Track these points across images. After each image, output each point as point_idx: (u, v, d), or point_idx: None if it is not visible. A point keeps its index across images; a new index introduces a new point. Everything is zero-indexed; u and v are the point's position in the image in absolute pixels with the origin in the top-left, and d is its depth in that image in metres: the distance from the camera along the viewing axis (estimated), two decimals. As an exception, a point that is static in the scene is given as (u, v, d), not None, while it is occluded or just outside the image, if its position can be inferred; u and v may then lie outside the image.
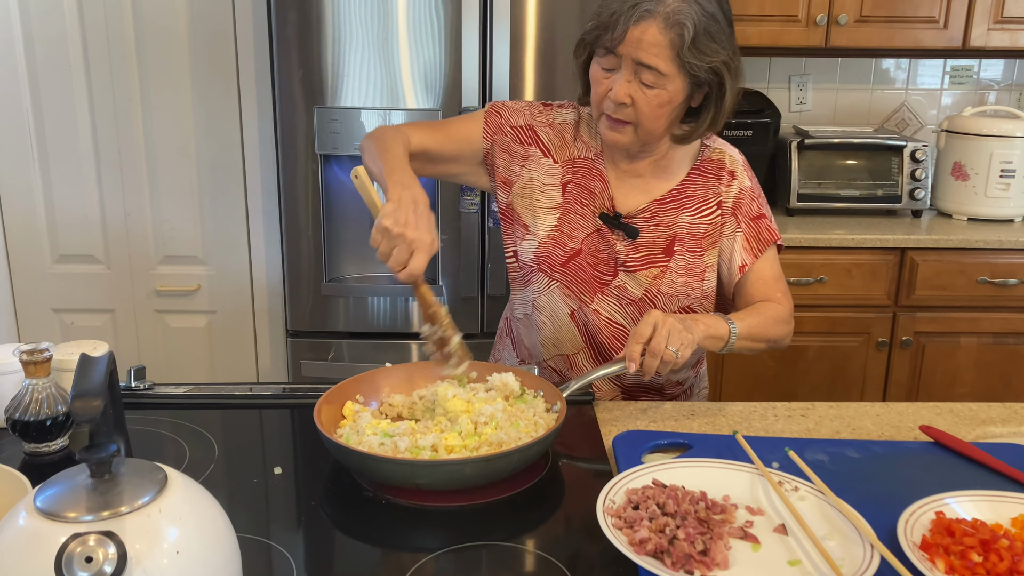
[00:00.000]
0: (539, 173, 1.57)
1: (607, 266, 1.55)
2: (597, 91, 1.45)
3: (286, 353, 2.69)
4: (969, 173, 2.90)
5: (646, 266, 1.54)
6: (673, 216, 1.55)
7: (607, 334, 1.57)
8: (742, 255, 1.55)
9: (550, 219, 1.56)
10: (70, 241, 2.89)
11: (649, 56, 1.37)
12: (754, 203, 1.57)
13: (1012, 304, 2.73)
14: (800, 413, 1.47)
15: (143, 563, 0.76)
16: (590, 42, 1.45)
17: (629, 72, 1.40)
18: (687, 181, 1.56)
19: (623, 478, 1.14)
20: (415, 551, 1.04)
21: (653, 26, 1.36)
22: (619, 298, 1.55)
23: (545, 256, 1.56)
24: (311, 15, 2.38)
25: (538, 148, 1.57)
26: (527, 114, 1.59)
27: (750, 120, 2.90)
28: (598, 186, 1.56)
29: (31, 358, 1.21)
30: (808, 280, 2.69)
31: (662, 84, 1.40)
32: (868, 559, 0.97)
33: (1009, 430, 1.41)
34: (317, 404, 1.25)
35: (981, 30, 2.81)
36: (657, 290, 1.54)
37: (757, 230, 1.56)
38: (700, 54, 1.38)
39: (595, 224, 1.55)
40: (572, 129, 1.59)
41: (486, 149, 1.58)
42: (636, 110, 1.42)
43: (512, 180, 1.58)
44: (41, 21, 2.71)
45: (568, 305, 1.57)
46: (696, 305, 1.56)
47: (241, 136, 2.82)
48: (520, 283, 1.62)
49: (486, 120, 1.58)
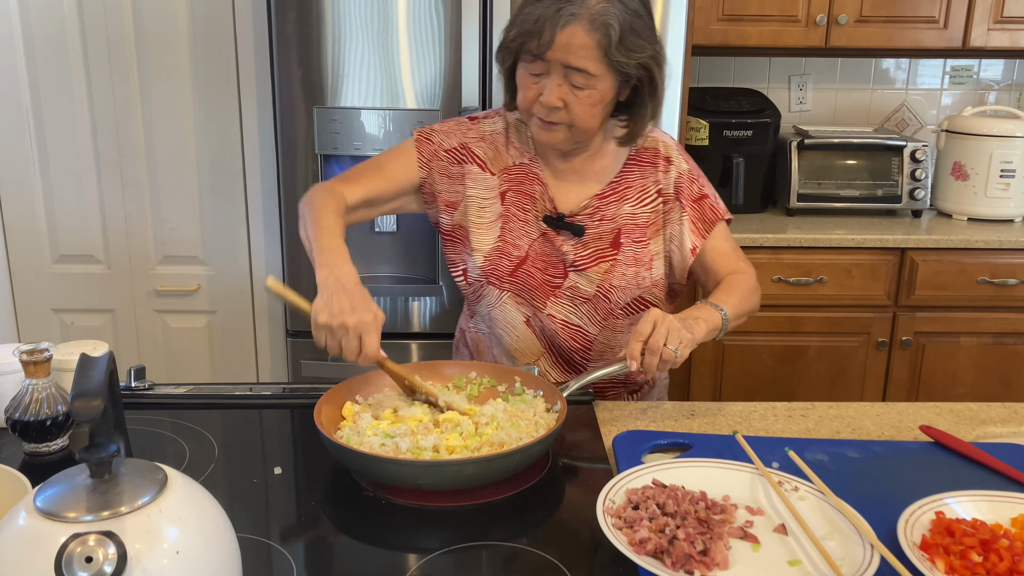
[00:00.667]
0: (478, 188, 1.57)
1: (556, 269, 1.56)
2: (527, 96, 1.45)
3: (286, 353, 2.69)
4: (969, 173, 2.90)
5: (595, 262, 1.55)
6: (615, 209, 1.56)
7: (564, 336, 1.57)
8: (691, 238, 1.57)
9: (493, 231, 1.56)
10: (70, 241, 2.88)
11: (578, 59, 1.38)
12: (694, 185, 1.59)
13: (1012, 304, 2.73)
14: (800, 413, 1.47)
15: (143, 563, 0.76)
16: (515, 49, 1.44)
17: (559, 76, 1.40)
18: (624, 173, 1.57)
19: (623, 478, 1.14)
20: (415, 551, 1.04)
21: (580, 29, 1.37)
22: (572, 298, 1.56)
23: (492, 268, 1.56)
24: (311, 15, 2.38)
25: (475, 164, 1.57)
26: (457, 134, 1.59)
27: (750, 120, 2.90)
28: (537, 189, 1.56)
29: (31, 358, 1.21)
30: (808, 280, 2.69)
31: (593, 84, 1.41)
32: (868, 559, 0.97)
33: (1009, 430, 1.41)
34: (317, 404, 1.25)
35: (981, 30, 2.81)
36: (610, 284, 1.55)
37: (701, 211, 1.58)
38: (628, 52, 1.39)
39: (539, 228, 1.56)
40: (503, 137, 1.59)
41: (423, 178, 1.58)
42: (569, 112, 1.43)
43: (456, 201, 1.58)
44: (41, 21, 2.71)
45: (522, 313, 1.57)
46: (647, 294, 1.57)
47: (241, 136, 2.82)
48: (473, 299, 1.62)
49: (419, 149, 1.58)
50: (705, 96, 2.98)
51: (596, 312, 1.56)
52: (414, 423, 1.25)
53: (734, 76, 3.21)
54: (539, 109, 1.44)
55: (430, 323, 2.61)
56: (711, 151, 2.88)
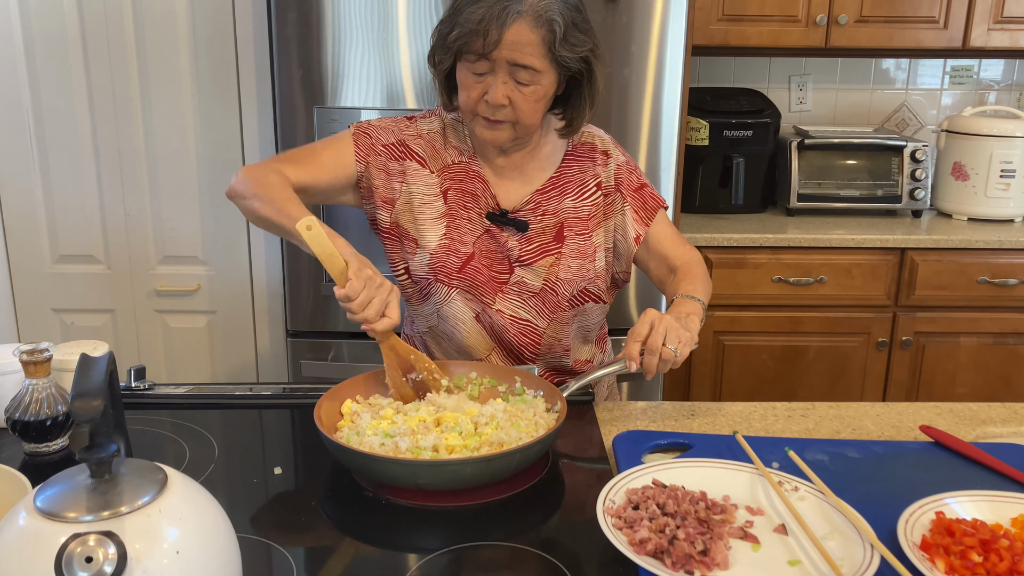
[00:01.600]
0: (419, 185, 1.56)
1: (502, 265, 1.57)
2: (471, 96, 1.45)
3: (286, 353, 2.69)
4: (969, 173, 2.90)
5: (540, 256, 1.56)
6: (557, 203, 1.57)
7: (514, 331, 1.58)
8: (634, 227, 1.59)
9: (438, 228, 1.56)
10: (70, 241, 2.88)
11: (524, 56, 1.39)
12: (633, 175, 1.62)
13: (1012, 304, 2.73)
14: (800, 413, 1.47)
15: (143, 563, 0.76)
16: (456, 49, 1.43)
17: (504, 74, 1.41)
18: (564, 167, 1.59)
19: (623, 478, 1.14)
20: (415, 551, 1.04)
21: (524, 26, 1.38)
22: (520, 293, 1.57)
23: (439, 266, 1.55)
24: (311, 15, 2.38)
25: (414, 161, 1.57)
26: (395, 130, 1.58)
27: (750, 120, 2.90)
28: (478, 187, 1.56)
29: (31, 358, 1.21)
30: (808, 280, 2.69)
31: (537, 80, 1.42)
32: (868, 559, 0.97)
33: (1009, 430, 1.41)
34: (317, 404, 1.25)
35: (981, 30, 2.81)
36: (556, 277, 1.56)
37: (642, 200, 1.61)
38: (571, 46, 1.41)
39: (483, 225, 1.56)
40: (440, 137, 1.59)
41: (360, 172, 1.57)
42: (514, 109, 1.44)
43: (394, 198, 1.57)
44: (41, 21, 2.71)
45: (472, 309, 1.58)
46: (591, 285, 1.59)
47: (241, 136, 2.82)
48: (418, 298, 1.61)
49: (356, 143, 1.57)
50: (705, 96, 2.98)
51: (544, 306, 1.57)
52: (414, 423, 1.25)
53: (734, 76, 3.21)
54: (484, 108, 1.45)
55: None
56: (711, 151, 2.89)
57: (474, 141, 1.57)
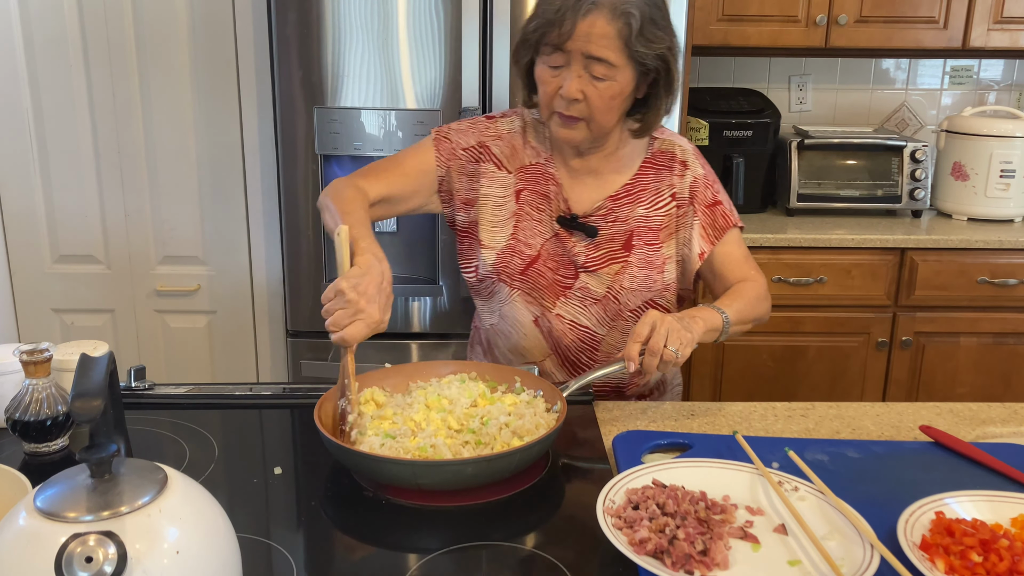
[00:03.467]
0: (494, 186, 1.57)
1: (567, 269, 1.56)
2: (546, 91, 1.45)
3: (286, 353, 2.69)
4: (969, 173, 2.90)
5: (606, 263, 1.55)
6: (629, 211, 1.55)
7: (572, 338, 1.57)
8: (700, 243, 1.57)
9: (506, 229, 1.56)
10: (70, 241, 2.88)
11: (599, 48, 1.38)
12: (708, 191, 1.59)
13: (1012, 304, 2.73)
14: (800, 413, 1.47)
15: (143, 563, 0.76)
16: (534, 42, 1.44)
17: (579, 67, 1.41)
18: (640, 175, 1.57)
19: (623, 478, 1.14)
20: (415, 551, 1.04)
21: (601, 18, 1.37)
22: (582, 299, 1.56)
23: (503, 266, 1.56)
24: (311, 15, 2.38)
25: (492, 163, 1.57)
26: (475, 132, 1.59)
27: (750, 120, 2.90)
28: (552, 189, 1.56)
29: (31, 358, 1.21)
30: (808, 280, 2.69)
31: (612, 76, 1.41)
32: (868, 559, 0.97)
33: (1009, 430, 1.41)
34: (317, 404, 1.25)
35: (981, 30, 2.81)
36: (620, 286, 1.54)
37: (713, 217, 1.58)
38: (647, 42, 1.40)
39: (552, 228, 1.56)
40: (520, 136, 1.59)
41: (441, 177, 1.58)
42: (588, 105, 1.43)
43: (474, 199, 1.58)
44: (41, 21, 2.71)
45: (531, 312, 1.57)
46: (658, 297, 1.57)
47: (241, 136, 2.82)
48: (484, 296, 1.62)
49: (437, 148, 1.58)
50: (705, 96, 2.98)
51: (605, 313, 1.56)
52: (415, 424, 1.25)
53: (734, 76, 3.21)
54: (559, 103, 1.44)
55: (430, 323, 2.61)
56: (711, 151, 2.88)
57: (552, 142, 1.57)
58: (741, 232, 1.62)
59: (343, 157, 2.50)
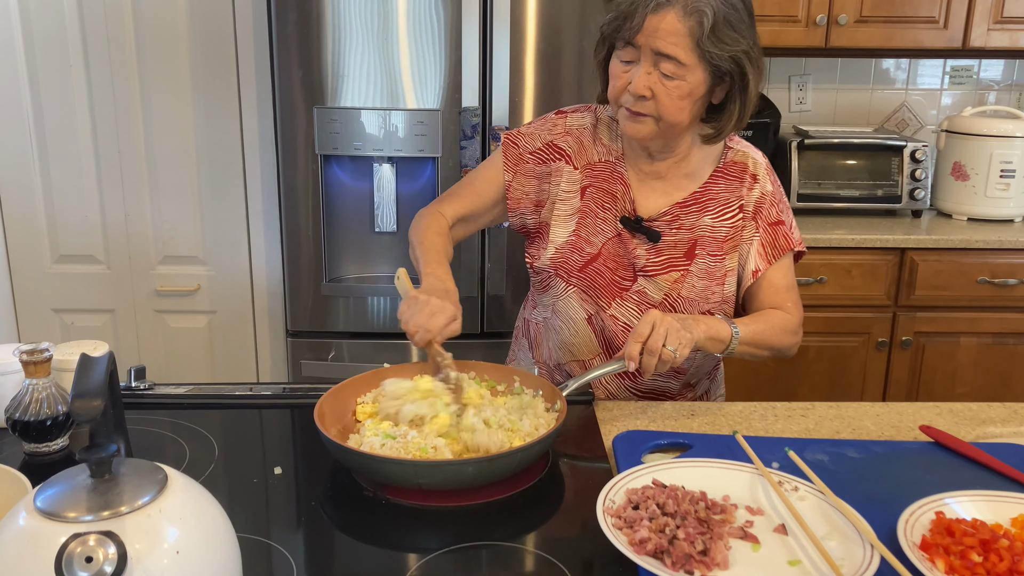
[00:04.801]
0: (563, 184, 1.56)
1: (626, 271, 1.54)
2: (616, 85, 1.43)
3: (286, 353, 2.69)
4: (969, 173, 2.90)
5: (666, 270, 1.52)
6: (695, 219, 1.53)
7: (624, 340, 1.54)
8: (756, 260, 1.54)
9: (569, 224, 1.55)
10: (70, 241, 2.88)
11: (668, 45, 1.36)
12: (774, 208, 1.55)
13: (1012, 304, 2.73)
14: (800, 413, 1.47)
15: (143, 563, 0.76)
16: (608, 35, 1.43)
17: (649, 63, 1.38)
18: (709, 183, 1.54)
19: (623, 478, 1.14)
20: (415, 551, 1.05)
21: (671, 14, 1.35)
22: (638, 303, 1.53)
23: (562, 261, 1.55)
24: (311, 15, 2.38)
25: (561, 160, 1.56)
26: (542, 133, 1.58)
27: (750, 120, 2.89)
28: (619, 189, 1.54)
29: (31, 358, 1.21)
30: (808, 280, 2.69)
31: (682, 75, 1.38)
32: (868, 559, 0.97)
33: (1009, 430, 1.41)
34: (317, 404, 1.25)
35: (981, 30, 2.81)
36: (677, 294, 1.52)
37: (774, 236, 1.55)
38: (720, 43, 1.36)
39: (615, 228, 1.54)
40: (590, 133, 1.57)
41: (508, 181, 1.59)
42: (657, 103, 1.40)
43: (543, 200, 1.58)
44: (41, 21, 2.71)
45: (585, 310, 1.56)
46: (716, 309, 1.53)
47: (241, 136, 2.82)
48: (540, 288, 1.62)
49: (505, 153, 1.59)
50: (705, 96, 2.98)
51: None
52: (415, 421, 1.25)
53: (734, 76, 3.21)
54: (627, 99, 1.42)
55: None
56: (711, 151, 2.88)
57: (624, 142, 1.55)
58: (798, 258, 1.59)
59: (343, 157, 2.50)
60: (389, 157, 2.48)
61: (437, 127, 2.44)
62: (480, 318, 2.62)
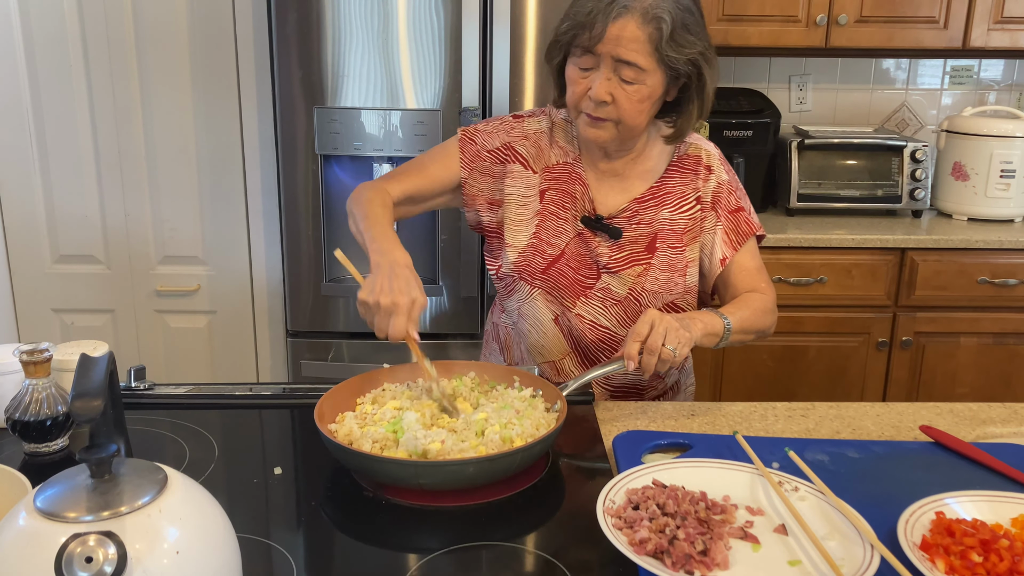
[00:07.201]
0: (519, 186, 1.58)
1: (589, 269, 1.56)
2: (575, 91, 1.45)
3: (286, 353, 2.69)
4: (969, 173, 2.90)
5: (629, 265, 1.55)
6: (653, 213, 1.56)
7: (592, 337, 1.57)
8: (722, 248, 1.57)
9: (529, 227, 1.57)
10: (70, 241, 2.89)
11: (628, 52, 1.38)
12: (732, 196, 1.59)
13: (1012, 304, 2.73)
14: (800, 413, 1.47)
15: (143, 563, 0.76)
16: (566, 43, 1.45)
17: (608, 70, 1.41)
18: (665, 178, 1.57)
19: (623, 478, 1.14)
20: (415, 551, 1.04)
21: (631, 22, 1.37)
22: (603, 300, 1.56)
23: (525, 264, 1.56)
24: (311, 15, 2.38)
25: (518, 163, 1.58)
26: (501, 133, 1.60)
27: (750, 120, 2.90)
28: (578, 189, 1.56)
29: (31, 358, 1.21)
30: (808, 280, 2.69)
31: (642, 80, 1.41)
32: (868, 559, 0.97)
33: (1009, 430, 1.41)
34: (317, 404, 1.25)
35: (981, 30, 2.81)
36: (641, 288, 1.55)
37: (736, 223, 1.58)
38: (678, 47, 1.40)
39: (576, 228, 1.56)
40: (547, 136, 1.59)
41: (464, 179, 1.59)
42: (617, 107, 1.43)
43: (500, 199, 1.59)
44: (41, 21, 2.71)
45: (551, 311, 1.58)
46: (679, 300, 1.57)
47: (241, 136, 2.82)
48: (505, 293, 1.63)
49: (462, 149, 1.59)
50: (705, 96, 2.97)
51: (626, 315, 1.56)
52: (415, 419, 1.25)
53: (734, 76, 3.21)
54: (587, 104, 1.44)
55: (431, 323, 2.62)
56: (711, 151, 2.88)
57: (580, 143, 1.57)
58: (760, 241, 1.62)
59: (343, 157, 2.50)
60: (389, 157, 2.48)
61: (437, 127, 2.44)
62: (480, 318, 2.62)
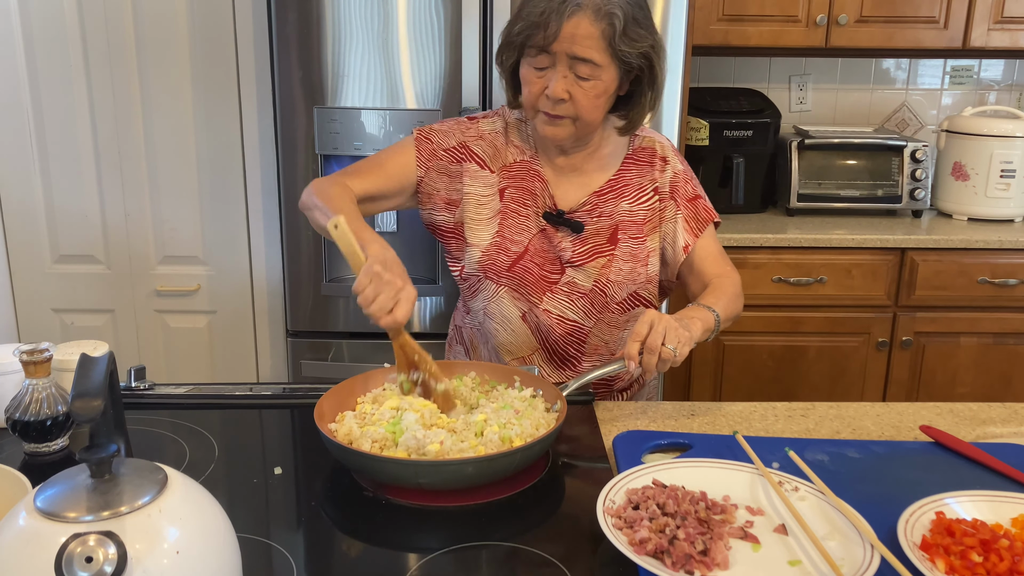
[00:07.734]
0: (477, 185, 1.59)
1: (553, 264, 1.58)
2: (532, 91, 1.47)
3: (286, 353, 2.69)
4: (969, 173, 2.90)
5: (593, 258, 1.57)
6: (613, 206, 1.58)
7: (560, 332, 1.59)
8: (684, 236, 1.60)
9: (491, 226, 1.58)
10: (70, 241, 2.88)
11: (584, 49, 1.40)
12: (688, 185, 1.62)
13: (1012, 304, 2.73)
14: (800, 413, 1.47)
15: (143, 563, 0.76)
16: (519, 44, 1.46)
17: (564, 68, 1.42)
18: (622, 171, 1.60)
19: (623, 478, 1.14)
20: (415, 551, 1.04)
21: (585, 19, 1.39)
22: (569, 294, 1.58)
23: (489, 264, 1.58)
24: (311, 15, 2.38)
25: (474, 162, 1.59)
26: (457, 133, 1.61)
27: (750, 120, 2.90)
28: (537, 186, 1.58)
29: (31, 358, 1.21)
30: (808, 280, 2.69)
31: (597, 75, 1.43)
32: (868, 559, 0.97)
33: (1009, 430, 1.41)
34: (318, 404, 1.25)
35: (981, 30, 2.81)
36: (606, 279, 1.57)
37: (695, 210, 1.61)
38: (631, 41, 1.42)
39: (539, 224, 1.58)
40: (502, 137, 1.61)
41: (420, 178, 1.60)
42: (574, 104, 1.45)
43: (457, 200, 1.60)
44: (41, 21, 2.71)
45: (518, 308, 1.59)
46: (642, 290, 1.60)
47: (241, 136, 2.82)
48: (469, 293, 1.64)
49: (418, 148, 1.60)
50: (705, 96, 2.98)
51: (592, 307, 1.58)
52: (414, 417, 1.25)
53: (734, 76, 3.21)
54: (544, 103, 1.46)
55: (430, 323, 2.61)
56: (711, 151, 2.88)
57: (536, 140, 1.59)
58: (716, 228, 1.65)
59: (343, 157, 2.50)
60: (389, 157, 2.48)
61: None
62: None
